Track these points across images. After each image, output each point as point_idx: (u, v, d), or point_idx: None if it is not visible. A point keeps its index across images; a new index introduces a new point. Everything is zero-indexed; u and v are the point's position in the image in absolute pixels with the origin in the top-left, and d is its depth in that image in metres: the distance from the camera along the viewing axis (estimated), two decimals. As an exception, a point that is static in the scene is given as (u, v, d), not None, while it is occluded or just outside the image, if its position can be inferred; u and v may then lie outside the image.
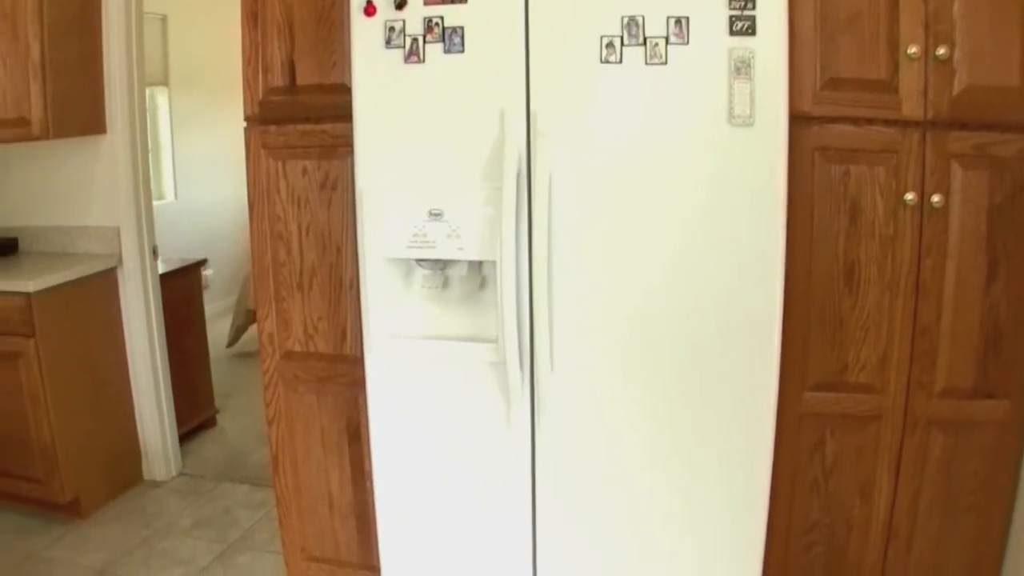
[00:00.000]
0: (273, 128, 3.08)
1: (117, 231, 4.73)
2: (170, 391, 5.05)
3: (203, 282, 5.87)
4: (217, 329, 6.16)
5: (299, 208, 3.10)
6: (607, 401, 2.66)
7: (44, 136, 4.30)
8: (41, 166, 4.93)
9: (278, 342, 3.27)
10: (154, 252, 4.81)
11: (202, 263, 5.72)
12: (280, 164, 3.10)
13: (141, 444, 5.02)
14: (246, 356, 7.45)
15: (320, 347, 3.23)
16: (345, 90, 2.88)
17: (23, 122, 4.31)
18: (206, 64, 8.17)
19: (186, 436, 5.22)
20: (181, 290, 5.28)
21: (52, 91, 4.27)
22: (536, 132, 2.49)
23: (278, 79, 3.05)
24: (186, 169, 8.43)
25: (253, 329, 7.30)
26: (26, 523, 4.60)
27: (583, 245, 2.56)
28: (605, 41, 2.42)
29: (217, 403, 5.94)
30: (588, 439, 2.70)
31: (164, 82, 8.03)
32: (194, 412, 5.50)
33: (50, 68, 4.24)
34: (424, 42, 2.58)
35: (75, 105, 4.44)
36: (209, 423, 5.81)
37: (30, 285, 4.19)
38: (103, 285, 4.72)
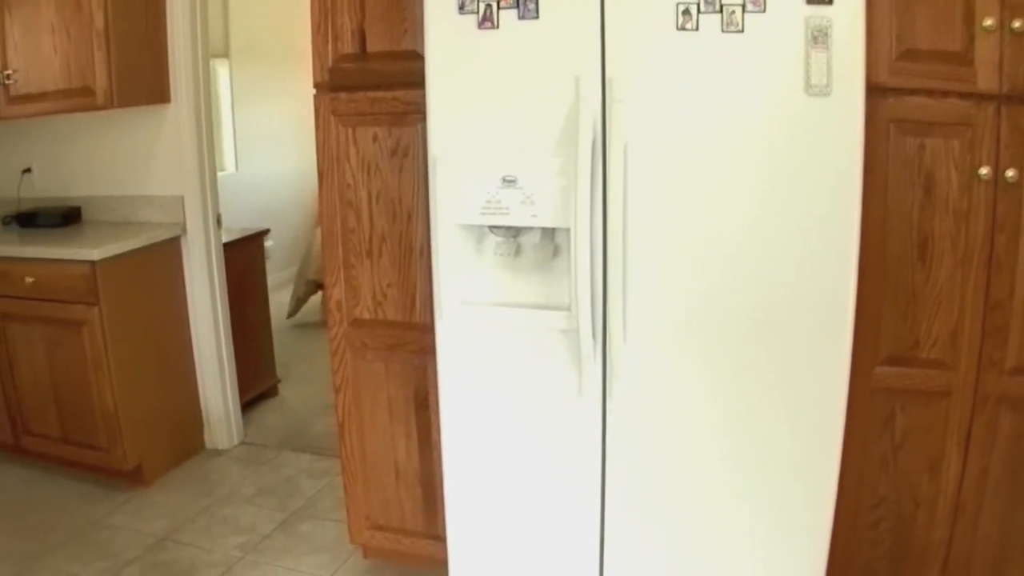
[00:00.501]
0: (343, 95, 3.13)
1: (181, 200, 4.81)
2: (233, 360, 5.12)
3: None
4: (277, 300, 6.23)
5: (369, 175, 3.15)
6: (677, 372, 2.67)
7: (108, 105, 4.36)
8: (104, 136, 4.99)
9: (346, 309, 3.33)
10: (218, 221, 4.88)
11: (264, 233, 5.79)
12: (350, 131, 3.14)
13: (203, 413, 5.10)
14: (306, 327, 7.57)
15: (389, 314, 3.28)
16: (416, 57, 2.92)
17: (87, 91, 4.38)
18: (266, 36, 8.24)
19: (248, 405, 5.29)
20: (244, 260, 5.35)
21: (116, 60, 4.32)
22: (612, 99, 2.50)
23: (348, 46, 3.10)
24: (246, 141, 8.52)
25: (313, 300, 7.48)
26: (88, 490, 4.68)
27: (657, 214, 2.57)
28: (681, 8, 2.42)
29: (278, 373, 5.93)
30: (658, 410, 2.71)
31: (225, 54, 8.09)
32: (256, 381, 5.50)
33: (114, 37, 4.29)
34: (498, 7, 2.60)
35: (139, 75, 4.49)
36: (270, 392, 5.89)
37: (95, 253, 4.25)
38: (167, 254, 4.79)
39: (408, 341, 3.22)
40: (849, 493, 2.85)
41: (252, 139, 8.50)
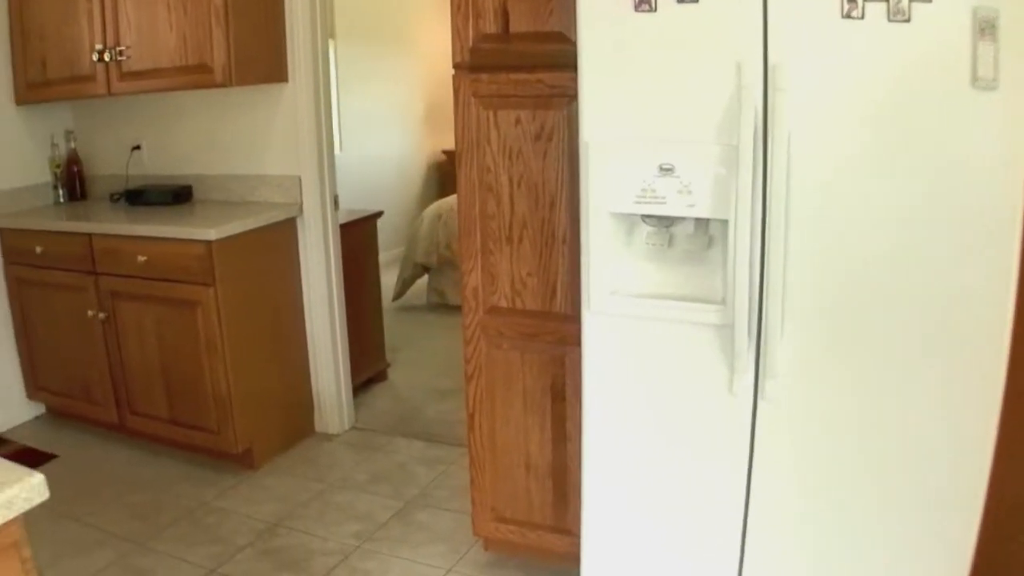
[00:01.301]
0: (484, 76, 3.13)
1: (298, 180, 4.83)
2: (347, 343, 5.16)
3: (370, 234, 5.99)
4: (382, 282, 6.30)
5: (511, 159, 3.16)
6: (832, 372, 2.62)
7: (226, 83, 4.41)
8: (217, 114, 5.07)
9: (482, 297, 3.33)
10: (335, 202, 4.92)
11: (378, 215, 5.84)
12: (491, 114, 3.15)
13: (315, 396, 5.16)
14: (411, 310, 7.65)
15: (527, 303, 3.29)
16: (562, 39, 2.93)
17: (204, 68, 4.44)
18: (372, 16, 8.35)
19: (357, 389, 5.32)
20: (356, 241, 5.39)
21: (235, 38, 4.37)
22: (774, 87, 2.45)
23: (490, 26, 3.10)
24: (351, 121, 8.65)
25: (419, 283, 7.56)
26: (195, 472, 4.77)
27: (818, 207, 2.52)
28: None
29: (386, 357, 5.95)
30: (809, 410, 2.67)
31: (331, 34, 8.15)
32: (366, 365, 5.53)
33: (233, 14, 4.34)
34: (654, -11, 2.58)
35: (257, 53, 4.54)
36: (379, 377, 5.94)
37: (212, 233, 4.31)
38: (283, 234, 4.85)
39: (546, 331, 3.22)
40: (991, 499, 2.80)
41: (357, 119, 8.62)
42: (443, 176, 9.81)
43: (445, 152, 9.74)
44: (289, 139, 4.71)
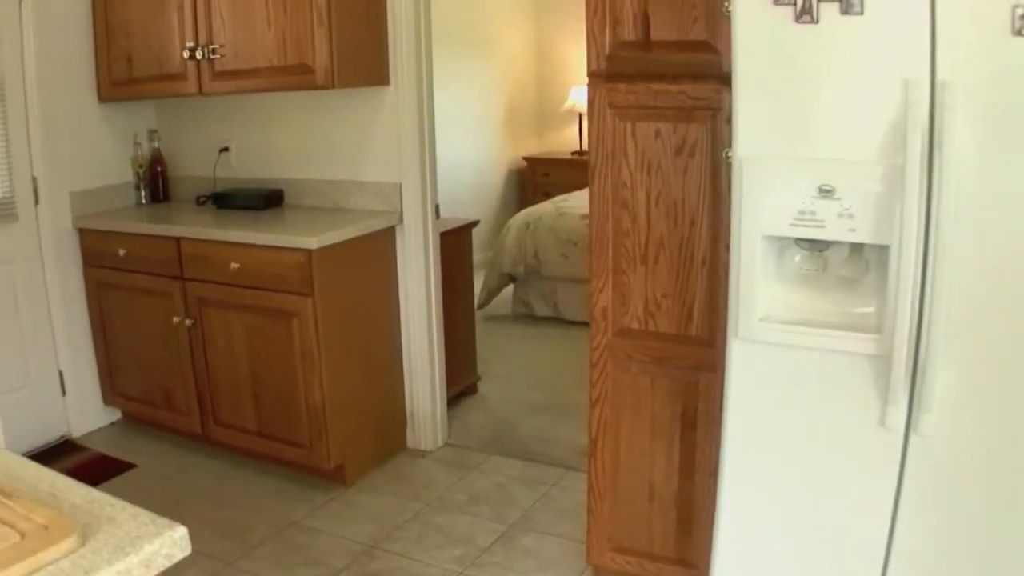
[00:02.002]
0: (622, 86, 3.07)
1: (398, 187, 4.76)
2: (443, 355, 5.05)
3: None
4: (467, 292, 6.27)
5: (649, 174, 3.11)
6: (994, 410, 2.53)
7: (328, 85, 4.37)
8: (313, 116, 5.04)
9: (612, 318, 3.29)
10: (436, 211, 4.89)
11: (474, 224, 5.82)
12: (629, 125, 3.09)
13: (408, 410, 5.13)
14: (497, 320, 7.61)
15: (661, 326, 3.23)
16: (707, 48, 2.88)
17: (305, 69, 4.41)
18: (453, 17, 8.22)
19: (449, 403, 5.24)
20: (452, 250, 5.31)
21: (338, 38, 4.33)
22: (943, 105, 2.37)
23: (629, 33, 3.05)
24: (439, 125, 8.57)
25: (505, 292, 7.55)
26: (284, 487, 4.75)
27: (985, 232, 2.45)
28: (1019, 12, 2.27)
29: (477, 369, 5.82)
30: (968, 451, 2.58)
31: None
32: (458, 378, 5.42)
33: (335, 13, 4.31)
34: (818, 0, 2.54)
35: (360, 53, 4.49)
36: (470, 390, 5.88)
37: (312, 241, 4.27)
38: (382, 243, 4.80)
39: (680, 355, 3.18)
40: None
41: (443, 123, 8.54)
42: (524, 183, 9.86)
43: (526, 159, 9.79)
44: (390, 144, 4.67)
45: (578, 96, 9.22)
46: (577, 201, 7.65)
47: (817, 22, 2.49)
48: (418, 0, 4.43)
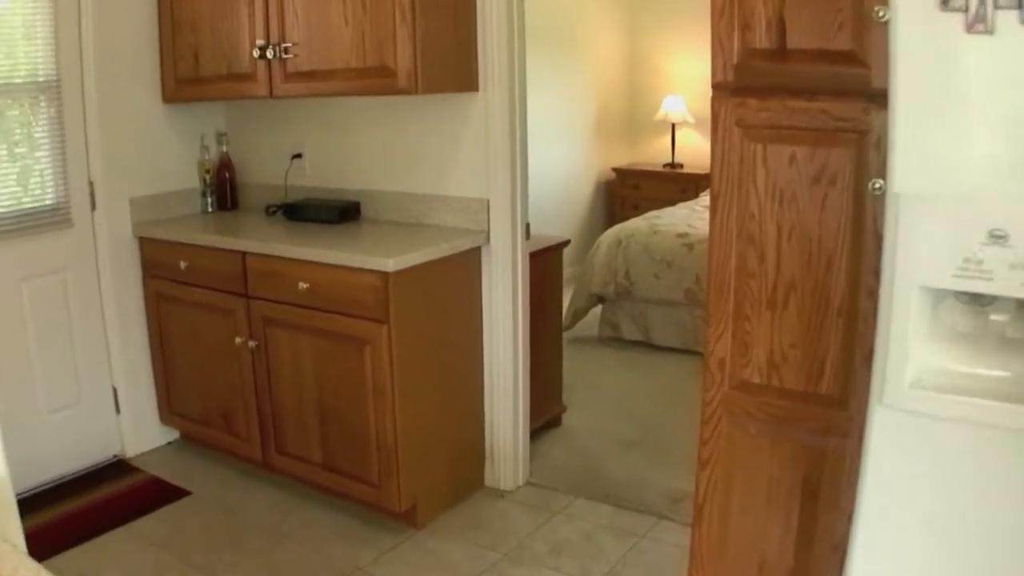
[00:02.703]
0: (752, 102, 2.71)
1: (486, 204, 4.43)
2: (528, 385, 4.74)
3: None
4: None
5: (781, 205, 2.72)
6: None
7: (411, 90, 4.04)
8: (394, 123, 4.74)
9: (731, 369, 2.93)
10: (526, 230, 4.53)
11: (565, 244, 5.44)
12: (759, 148, 2.72)
13: (487, 445, 4.78)
14: (582, 342, 7.24)
15: (786, 381, 2.86)
16: (854, 60, 2.50)
17: (386, 72, 4.08)
18: (551, 19, 7.96)
19: (531, 436, 4.91)
20: (540, 271, 4.92)
21: (422, 38, 4.01)
22: None
23: (761, 39, 2.68)
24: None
25: (593, 313, 7.22)
26: (349, 526, 4.45)
27: None
28: None
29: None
30: None
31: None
32: (541, 409, 5.05)
33: (420, 11, 3.98)
34: (994, 6, 2.13)
35: (446, 56, 4.17)
36: (554, 422, 5.50)
37: (390, 263, 3.95)
38: (466, 265, 4.48)
39: (807, 416, 2.80)
40: None
41: (531, 131, 8.19)
42: (612, 196, 9.56)
43: (615, 170, 9.48)
44: (478, 156, 4.37)
45: (671, 105, 9.09)
46: (671, 218, 7.41)
47: (993, 33, 2.11)
48: (511, 4, 4.13)
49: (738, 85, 2.74)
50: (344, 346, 4.19)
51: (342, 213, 4.69)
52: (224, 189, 5.20)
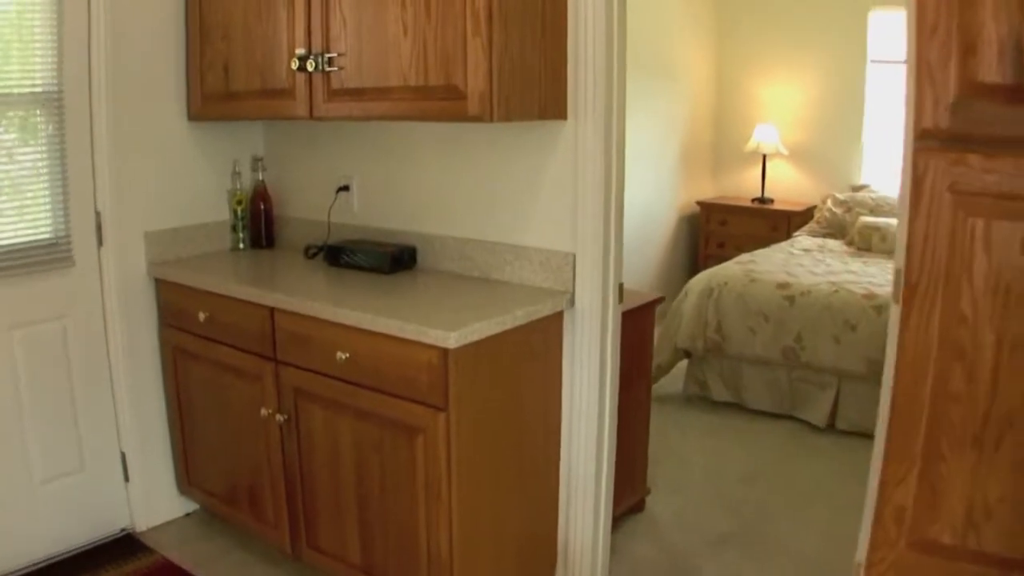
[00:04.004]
0: (975, 159, 1.99)
1: (571, 260, 3.72)
2: (612, 474, 3.99)
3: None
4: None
5: (1005, 308, 2.09)
6: None
7: (484, 116, 3.29)
8: (461, 155, 4.05)
9: (911, 523, 2.35)
10: (620, 292, 3.78)
11: (658, 301, 4.67)
12: (980, 224, 2.09)
13: (561, 543, 4.02)
14: (664, 402, 6.52)
15: (988, 543, 2.28)
16: None
17: (453, 93, 3.35)
18: (641, 40, 7.32)
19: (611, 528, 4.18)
20: (628, 334, 4.11)
21: (500, 53, 3.27)
22: None
23: (991, 70, 1.96)
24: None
25: (678, 367, 6.56)
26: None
27: None
28: None
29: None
30: None
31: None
32: (623, 492, 4.37)
33: (498, 21, 3.24)
34: None
35: (529, 76, 3.43)
36: (637, 507, 4.77)
37: (451, 338, 3.19)
38: (544, 334, 3.72)
39: (1017, 593, 2.09)
40: None
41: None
42: (696, 232, 8.95)
43: (700, 203, 8.83)
44: (563, 200, 3.66)
45: (763, 135, 8.62)
46: (768, 264, 6.76)
47: None
48: (611, 9, 3.42)
49: (954, 134, 2.07)
50: (391, 433, 3.47)
51: (395, 261, 4.04)
52: (259, 223, 4.64)
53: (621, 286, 3.78)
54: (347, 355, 3.51)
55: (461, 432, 3.34)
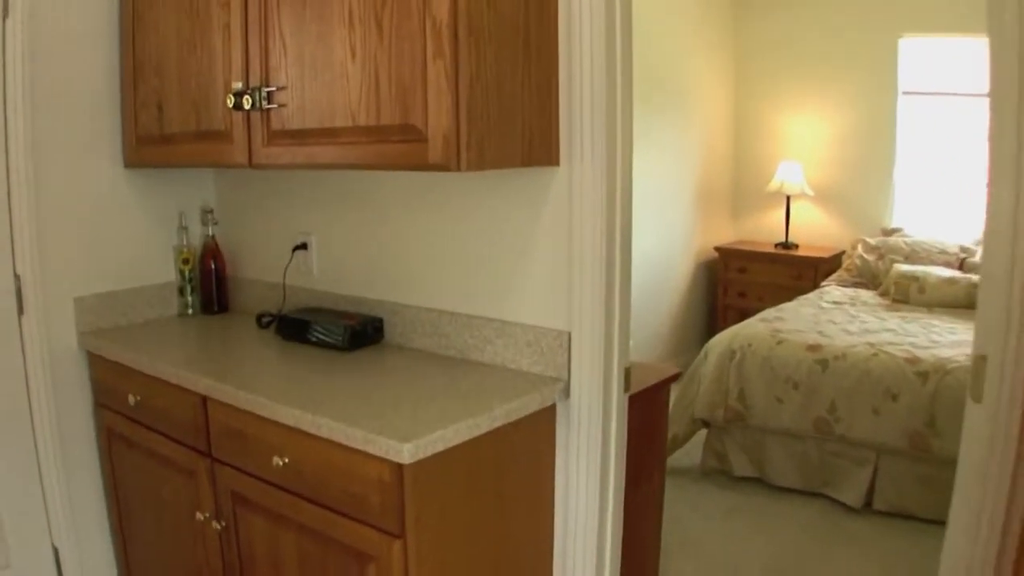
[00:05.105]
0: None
1: (566, 339, 2.91)
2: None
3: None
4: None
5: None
6: None
7: (450, 164, 2.51)
8: (435, 210, 3.28)
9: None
10: (626, 378, 2.95)
11: (674, 378, 3.84)
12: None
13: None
14: (678, 475, 5.71)
15: None
16: None
17: (412, 134, 2.57)
18: (649, 69, 6.72)
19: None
20: (638, 422, 3.33)
21: (472, 82, 2.50)
22: None
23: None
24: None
25: (695, 440, 5.73)
26: None
27: None
28: None
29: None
30: None
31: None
32: None
33: (466, 39, 2.47)
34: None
35: (509, 111, 2.65)
36: (642, 617, 3.96)
37: (405, 451, 2.41)
38: (532, 432, 2.91)
39: None
40: None
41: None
42: (714, 280, 8.20)
43: (718, 249, 8.08)
44: (556, 265, 2.89)
45: (787, 174, 7.85)
46: (796, 321, 5.97)
47: None
48: (613, 19, 2.60)
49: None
50: (339, 557, 2.69)
51: (355, 336, 3.33)
52: (210, 285, 4.01)
53: (628, 370, 2.96)
54: (285, 461, 2.76)
55: (423, 562, 2.56)
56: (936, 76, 7.30)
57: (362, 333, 3.39)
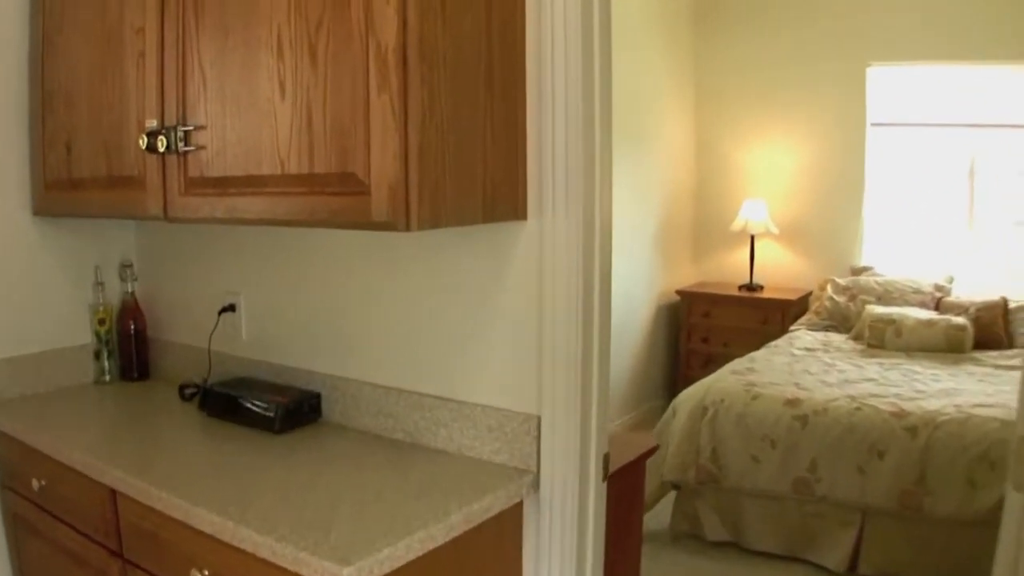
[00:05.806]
0: None
1: (535, 424, 2.45)
2: None
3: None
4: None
5: None
6: None
7: (397, 222, 2.05)
8: (382, 272, 2.82)
9: None
10: (605, 466, 2.50)
11: (650, 453, 3.42)
12: None
13: None
14: (648, 542, 5.09)
15: None
16: None
17: (351, 184, 2.13)
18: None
19: None
20: (614, 504, 2.86)
21: (419, 120, 2.05)
22: None
23: None
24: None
25: (664, 502, 5.27)
26: None
27: None
28: None
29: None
30: None
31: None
32: None
33: (417, 70, 2.03)
34: None
35: (466, 156, 2.22)
36: None
37: (345, 574, 1.93)
38: (496, 535, 2.44)
39: None
40: None
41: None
42: (675, 325, 7.79)
43: (680, 292, 7.69)
44: (523, 336, 2.46)
45: (751, 212, 7.49)
46: (770, 372, 5.56)
47: None
48: (591, 43, 2.25)
49: None
50: None
51: (288, 416, 2.85)
52: (129, 349, 3.58)
53: (607, 457, 2.51)
54: (205, 574, 2.28)
55: None
56: (906, 106, 7.02)
57: (297, 411, 2.92)
